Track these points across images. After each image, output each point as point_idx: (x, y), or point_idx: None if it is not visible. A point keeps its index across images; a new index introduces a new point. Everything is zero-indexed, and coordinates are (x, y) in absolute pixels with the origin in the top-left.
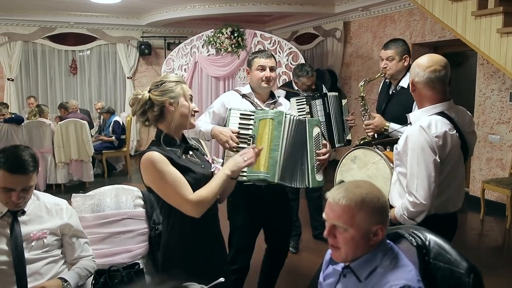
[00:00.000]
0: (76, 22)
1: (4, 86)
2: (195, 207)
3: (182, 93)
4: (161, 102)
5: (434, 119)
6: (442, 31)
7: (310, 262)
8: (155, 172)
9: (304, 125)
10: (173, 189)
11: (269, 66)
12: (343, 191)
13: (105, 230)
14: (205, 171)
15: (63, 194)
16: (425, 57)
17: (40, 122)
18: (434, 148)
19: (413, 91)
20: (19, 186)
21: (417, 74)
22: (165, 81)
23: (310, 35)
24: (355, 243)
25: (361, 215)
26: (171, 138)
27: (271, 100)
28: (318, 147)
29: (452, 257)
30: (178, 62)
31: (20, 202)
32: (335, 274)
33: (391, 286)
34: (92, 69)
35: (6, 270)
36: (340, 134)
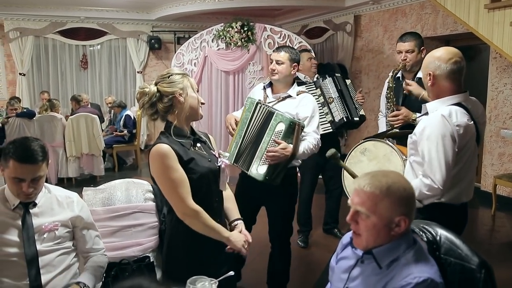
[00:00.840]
0: (87, 16)
1: (16, 80)
2: (187, 214)
3: (190, 85)
4: (171, 93)
5: (454, 109)
6: (454, 24)
7: (320, 256)
8: (161, 166)
9: (271, 116)
10: (174, 187)
11: (275, 60)
12: (370, 178)
13: (116, 224)
14: (211, 165)
15: (74, 188)
16: (443, 50)
17: (52, 116)
18: (455, 136)
19: (432, 84)
20: (29, 176)
21: (439, 67)
22: (173, 74)
23: (320, 29)
24: (377, 231)
25: (384, 203)
26: (181, 129)
27: (283, 94)
28: (275, 143)
29: (463, 252)
30: (188, 56)
31: (31, 193)
32: (353, 257)
33: (414, 277)
34: (102, 63)
35: (18, 262)
36: (353, 109)
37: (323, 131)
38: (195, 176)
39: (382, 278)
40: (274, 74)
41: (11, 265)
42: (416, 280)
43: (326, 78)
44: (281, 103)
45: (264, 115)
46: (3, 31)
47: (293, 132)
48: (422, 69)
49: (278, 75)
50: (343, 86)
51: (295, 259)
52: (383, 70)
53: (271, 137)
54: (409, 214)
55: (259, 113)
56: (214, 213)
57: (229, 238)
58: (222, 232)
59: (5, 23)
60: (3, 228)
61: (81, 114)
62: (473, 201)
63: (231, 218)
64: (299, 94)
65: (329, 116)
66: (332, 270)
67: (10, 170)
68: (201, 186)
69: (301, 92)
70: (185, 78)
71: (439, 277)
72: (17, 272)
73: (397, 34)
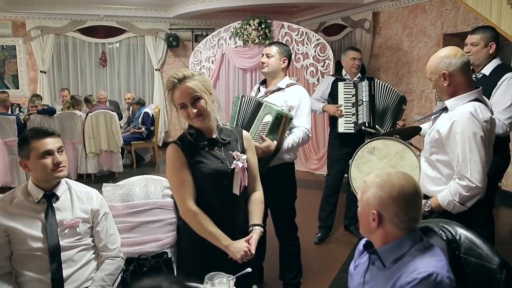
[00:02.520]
0: (106, 15)
1: (37, 78)
2: (185, 214)
3: (174, 102)
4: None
5: (477, 105)
6: (476, 20)
7: (338, 254)
8: (169, 165)
9: (259, 107)
10: (177, 187)
11: (266, 53)
12: (379, 171)
13: (135, 219)
14: (222, 167)
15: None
16: (445, 49)
17: (72, 114)
18: (485, 132)
19: (449, 83)
20: (54, 145)
21: (450, 63)
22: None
23: (338, 26)
24: (361, 218)
25: (368, 194)
26: (199, 130)
27: (273, 87)
28: (262, 133)
29: (484, 252)
30: (206, 54)
31: (61, 163)
32: (366, 262)
33: (419, 272)
34: (121, 61)
35: (41, 256)
36: (378, 119)
37: (344, 129)
38: (199, 177)
39: (390, 277)
40: (264, 67)
41: (34, 258)
42: (421, 275)
43: (364, 80)
44: (271, 96)
45: (252, 106)
46: (25, 30)
47: (280, 125)
48: (430, 74)
49: (268, 67)
50: (382, 96)
51: (311, 255)
52: (402, 67)
53: (258, 128)
54: (385, 211)
55: (246, 105)
56: (223, 216)
57: (227, 247)
58: (220, 239)
59: (27, 22)
60: (27, 222)
61: (100, 111)
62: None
63: (250, 222)
64: (289, 86)
65: (354, 117)
66: (351, 276)
67: (36, 149)
68: (206, 188)
69: (291, 84)
70: (169, 93)
71: (446, 271)
72: (39, 265)
73: (417, 31)
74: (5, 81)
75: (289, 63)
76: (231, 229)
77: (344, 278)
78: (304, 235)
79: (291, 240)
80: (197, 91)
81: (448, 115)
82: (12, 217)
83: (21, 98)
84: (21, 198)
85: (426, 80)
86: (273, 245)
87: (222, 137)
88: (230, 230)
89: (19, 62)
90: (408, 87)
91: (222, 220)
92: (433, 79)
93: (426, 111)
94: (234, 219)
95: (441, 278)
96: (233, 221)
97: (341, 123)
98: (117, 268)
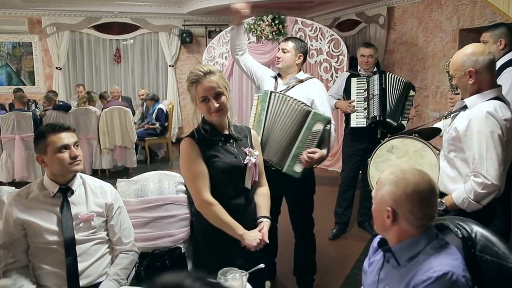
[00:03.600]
0: (120, 11)
1: (53, 74)
2: (201, 205)
3: (194, 95)
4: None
5: (497, 104)
6: (493, 15)
7: (351, 251)
8: (184, 158)
9: (307, 115)
10: (193, 179)
11: (282, 48)
12: (394, 167)
13: (149, 215)
14: (236, 162)
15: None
16: (471, 46)
17: (87, 109)
18: (503, 130)
19: (474, 81)
20: (70, 140)
21: (477, 61)
22: (187, 78)
23: (352, 21)
24: (375, 215)
25: (382, 191)
26: (214, 126)
27: (292, 79)
28: (312, 142)
29: (500, 250)
30: (219, 50)
31: (79, 157)
32: (381, 259)
33: (434, 271)
34: (135, 57)
35: (57, 250)
36: (393, 113)
37: (356, 124)
38: (215, 171)
39: (405, 275)
40: (278, 62)
41: (50, 252)
42: (436, 274)
43: (375, 74)
44: (292, 90)
45: (281, 103)
46: (40, 27)
47: (329, 131)
48: (455, 71)
49: (282, 63)
50: (392, 88)
51: (325, 251)
52: (417, 63)
53: (307, 137)
54: (401, 210)
55: (275, 102)
56: (235, 209)
57: (243, 236)
58: (236, 229)
59: (42, 19)
60: (43, 216)
61: (114, 107)
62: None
63: (258, 214)
64: (307, 79)
65: (365, 112)
66: (365, 273)
67: (53, 144)
68: (220, 181)
69: (308, 77)
70: (192, 87)
71: (462, 270)
72: (55, 259)
73: (432, 26)
74: (22, 78)
75: (305, 59)
76: (242, 220)
77: (358, 275)
78: (317, 231)
79: (308, 236)
80: (221, 86)
81: (467, 113)
82: (28, 211)
83: (37, 94)
84: (37, 193)
85: (441, 76)
86: (285, 241)
87: (234, 133)
88: (241, 221)
89: (35, 59)
90: (423, 83)
91: (234, 212)
92: (457, 76)
93: (441, 108)
94: (245, 211)
95: (456, 277)
96: (244, 213)
97: (353, 118)
98: (131, 262)
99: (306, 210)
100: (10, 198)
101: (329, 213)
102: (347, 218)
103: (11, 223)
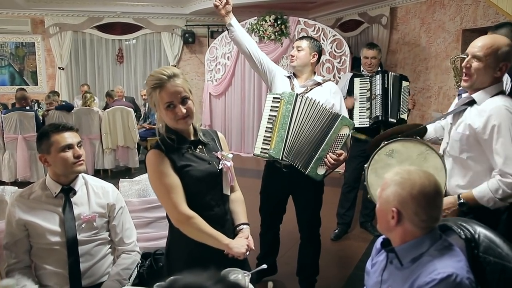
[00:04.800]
0: (123, 11)
1: (55, 74)
2: (180, 220)
3: (158, 101)
4: (151, 104)
5: (507, 99)
6: (496, 15)
7: (353, 251)
8: (153, 172)
9: (336, 119)
10: (166, 193)
11: (296, 46)
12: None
13: (151, 215)
14: (211, 168)
15: (110, 179)
16: (504, 38)
17: (89, 110)
18: None
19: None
20: (74, 140)
21: (509, 55)
22: (147, 82)
23: (354, 21)
24: (379, 215)
25: (387, 192)
26: (179, 134)
27: (310, 81)
28: (337, 145)
29: (504, 251)
30: (222, 50)
31: (82, 157)
32: (384, 260)
33: (438, 273)
34: (137, 57)
35: (59, 250)
36: (394, 110)
37: (359, 124)
38: (191, 181)
39: (408, 276)
40: (293, 61)
41: (52, 252)
42: (440, 276)
43: (378, 74)
44: (310, 92)
45: (309, 106)
46: (43, 27)
47: (349, 137)
48: (486, 56)
49: (297, 61)
50: (393, 85)
51: (327, 252)
52: (420, 63)
53: (333, 140)
54: (406, 210)
55: (303, 106)
56: (216, 219)
57: (229, 245)
58: (220, 239)
59: (45, 19)
60: (45, 216)
61: (117, 107)
62: None
63: (236, 222)
64: (325, 82)
65: (368, 111)
66: (368, 274)
67: (56, 143)
68: (198, 191)
69: (326, 80)
70: (154, 93)
71: (466, 272)
72: (57, 259)
73: (435, 26)
74: (25, 78)
75: (319, 58)
76: (223, 229)
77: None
78: (320, 232)
79: (314, 237)
80: (186, 90)
81: (477, 109)
82: (30, 211)
83: (40, 94)
84: (39, 193)
85: (444, 76)
86: (287, 242)
87: (201, 138)
88: (221, 231)
89: (37, 59)
90: (426, 84)
91: (216, 222)
92: (486, 61)
93: (444, 108)
94: (226, 219)
95: (460, 279)
96: (224, 221)
97: (356, 117)
98: (133, 262)
99: (315, 210)
100: (12, 198)
101: (331, 214)
102: (349, 218)
103: (13, 223)
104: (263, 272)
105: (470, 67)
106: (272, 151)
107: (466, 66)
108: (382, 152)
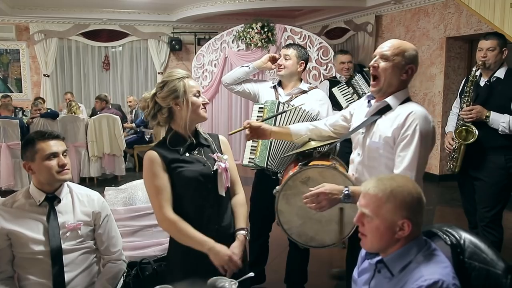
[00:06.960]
0: (109, 18)
1: (41, 82)
2: (162, 221)
3: (188, 88)
4: (167, 104)
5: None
6: (479, 24)
7: (342, 256)
8: (147, 172)
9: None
10: (155, 194)
11: (283, 54)
12: (376, 181)
13: (137, 223)
14: (205, 169)
15: (96, 187)
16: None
17: (75, 117)
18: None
19: (406, 80)
20: (59, 148)
21: (415, 59)
22: (168, 81)
23: (340, 29)
24: (380, 233)
25: (387, 206)
26: (180, 136)
27: (295, 89)
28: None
29: (488, 257)
30: (208, 57)
31: (67, 166)
32: (371, 269)
33: (424, 280)
34: (124, 64)
35: (43, 260)
36: None
37: None
38: (182, 181)
39: (396, 285)
40: (280, 69)
41: (36, 262)
42: (427, 282)
43: (356, 75)
44: (295, 100)
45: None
46: (28, 34)
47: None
48: (394, 55)
49: (284, 70)
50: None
51: (316, 259)
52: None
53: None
54: (413, 217)
55: (285, 114)
56: (209, 219)
57: (210, 250)
58: (202, 243)
59: (30, 25)
60: (29, 225)
61: (103, 115)
62: None
63: (236, 226)
64: (310, 89)
65: None
66: (355, 282)
67: (41, 151)
68: (188, 191)
69: (311, 87)
70: (181, 83)
71: (452, 278)
72: (41, 269)
73: (419, 34)
74: (9, 85)
75: (305, 67)
76: (218, 231)
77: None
78: None
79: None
80: None
81: (389, 118)
82: (13, 220)
83: (24, 101)
84: (23, 201)
85: (429, 83)
86: (276, 248)
87: (200, 140)
88: (217, 232)
89: (22, 66)
90: (411, 90)
91: (209, 223)
92: (394, 61)
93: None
94: (220, 220)
95: (447, 286)
96: (218, 222)
97: None
98: (119, 271)
99: None
100: None
101: None
102: None
103: None
104: (251, 280)
105: (377, 67)
106: (257, 159)
107: (373, 66)
108: (297, 179)
